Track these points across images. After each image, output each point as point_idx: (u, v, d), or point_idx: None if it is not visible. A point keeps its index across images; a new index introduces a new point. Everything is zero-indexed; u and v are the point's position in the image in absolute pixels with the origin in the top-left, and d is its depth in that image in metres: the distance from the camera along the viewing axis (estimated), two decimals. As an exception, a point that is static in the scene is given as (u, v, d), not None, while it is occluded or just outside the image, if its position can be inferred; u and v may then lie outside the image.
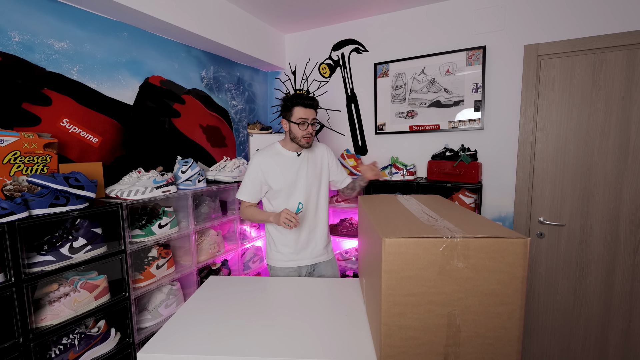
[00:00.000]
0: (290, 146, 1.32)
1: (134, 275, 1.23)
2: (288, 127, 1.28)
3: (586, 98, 1.51)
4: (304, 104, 1.24)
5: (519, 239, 0.62)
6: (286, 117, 1.28)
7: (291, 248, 1.32)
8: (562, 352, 1.64)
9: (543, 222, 1.63)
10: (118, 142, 1.39)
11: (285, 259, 1.33)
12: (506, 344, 0.66)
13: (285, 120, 1.28)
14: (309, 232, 1.33)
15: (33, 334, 0.92)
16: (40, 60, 1.14)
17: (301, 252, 1.33)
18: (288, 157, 1.31)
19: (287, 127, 1.28)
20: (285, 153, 1.32)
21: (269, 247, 1.39)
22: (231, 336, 0.81)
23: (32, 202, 0.93)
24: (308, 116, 1.25)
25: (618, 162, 1.47)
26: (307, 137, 1.26)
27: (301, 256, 1.33)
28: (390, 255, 0.63)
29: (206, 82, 1.82)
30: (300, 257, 1.33)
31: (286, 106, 1.28)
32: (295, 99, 1.25)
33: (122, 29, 1.39)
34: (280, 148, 1.32)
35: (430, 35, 1.80)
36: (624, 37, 1.41)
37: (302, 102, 1.24)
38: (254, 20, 1.92)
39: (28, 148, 1.02)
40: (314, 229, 1.34)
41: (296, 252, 1.33)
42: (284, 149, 1.32)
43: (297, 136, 1.26)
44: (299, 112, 1.24)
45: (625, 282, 1.50)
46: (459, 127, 1.76)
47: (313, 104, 1.26)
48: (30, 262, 0.94)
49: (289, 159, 1.31)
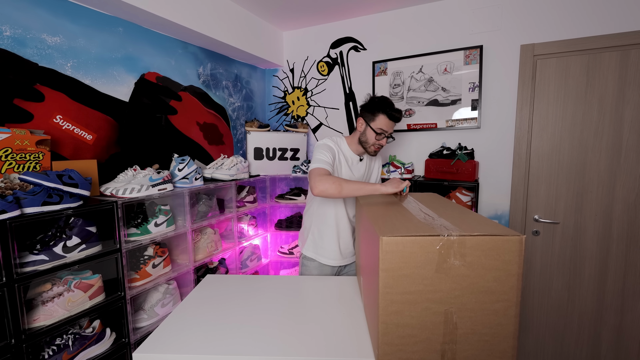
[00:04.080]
0: (356, 148, 1.25)
1: (129, 274, 1.22)
2: (363, 128, 1.21)
3: (581, 98, 1.53)
4: (392, 115, 1.17)
5: (515, 236, 0.63)
6: (365, 119, 1.20)
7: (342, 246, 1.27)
8: (556, 347, 1.66)
9: (538, 220, 1.65)
10: (113, 139, 1.37)
11: (333, 256, 1.28)
12: (502, 340, 0.66)
13: (364, 121, 1.20)
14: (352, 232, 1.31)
15: (25, 335, 0.90)
16: (33, 55, 1.11)
17: (345, 250, 1.29)
18: (350, 157, 1.26)
19: (362, 128, 1.21)
20: (348, 152, 1.26)
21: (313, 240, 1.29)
22: (228, 336, 0.80)
23: (24, 201, 0.91)
24: (389, 129, 1.18)
25: (611, 161, 1.49)
26: (378, 147, 1.21)
27: (345, 254, 1.30)
28: (387, 254, 0.64)
29: (203, 79, 1.80)
30: (344, 256, 1.30)
31: (371, 107, 1.19)
32: (385, 107, 1.16)
33: (117, 24, 1.37)
34: (346, 146, 1.26)
35: (428, 34, 1.80)
36: (618, 37, 1.42)
37: (391, 113, 1.16)
38: (251, 17, 1.90)
39: (20, 145, 1.00)
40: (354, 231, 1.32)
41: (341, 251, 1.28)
42: (349, 149, 1.26)
43: (369, 142, 1.20)
44: (383, 121, 1.17)
45: (617, 279, 1.52)
46: (456, 126, 1.77)
47: (399, 118, 1.19)
48: (23, 262, 0.92)
49: (351, 160, 1.26)
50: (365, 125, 1.20)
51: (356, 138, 1.24)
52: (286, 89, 2.25)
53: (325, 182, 1.02)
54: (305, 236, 1.33)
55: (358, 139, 1.23)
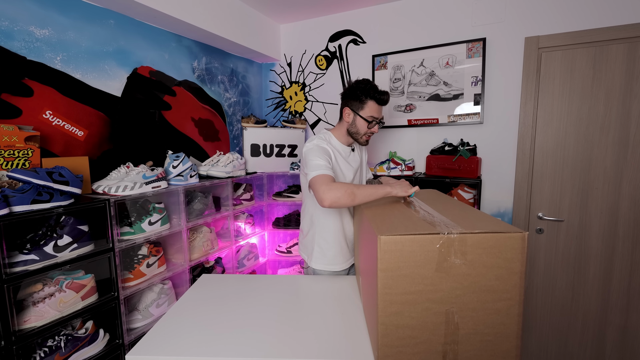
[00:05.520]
0: (345, 139, 1.15)
1: (123, 274, 1.19)
2: (352, 119, 1.11)
3: (586, 92, 1.49)
4: (381, 100, 1.08)
5: (517, 233, 0.61)
6: (353, 108, 1.10)
7: (347, 246, 1.19)
8: (559, 347, 1.64)
9: (542, 217, 1.61)
10: (105, 135, 1.34)
11: (342, 260, 1.18)
12: (505, 340, 0.65)
13: (351, 110, 1.11)
14: None
15: (16, 337, 0.88)
16: (21, 48, 1.08)
17: (352, 250, 1.21)
18: (343, 151, 1.16)
19: (350, 118, 1.12)
20: (339, 146, 1.16)
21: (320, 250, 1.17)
22: (224, 336, 0.78)
23: (12, 199, 0.89)
24: (379, 114, 1.11)
25: (617, 157, 1.46)
26: (369, 135, 1.13)
27: (352, 254, 1.21)
28: (386, 254, 0.62)
29: (198, 73, 1.77)
30: (352, 255, 1.21)
31: (356, 96, 1.09)
32: (372, 92, 1.07)
33: (109, 16, 1.33)
34: (335, 140, 1.16)
35: (430, 26, 1.76)
36: (626, 29, 1.38)
37: (380, 97, 1.08)
38: (247, 9, 1.86)
39: (8, 141, 0.97)
40: None
41: (349, 251, 1.20)
42: (339, 142, 1.16)
43: (360, 133, 1.11)
44: (373, 108, 1.08)
45: (623, 278, 1.49)
46: (458, 121, 1.73)
47: (388, 100, 1.11)
48: (12, 262, 0.90)
49: (344, 153, 1.17)
50: (354, 115, 1.11)
51: (344, 129, 1.15)
52: (283, 83, 2.21)
53: (336, 190, 0.90)
54: (311, 249, 1.20)
55: (347, 131, 1.14)
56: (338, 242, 1.17)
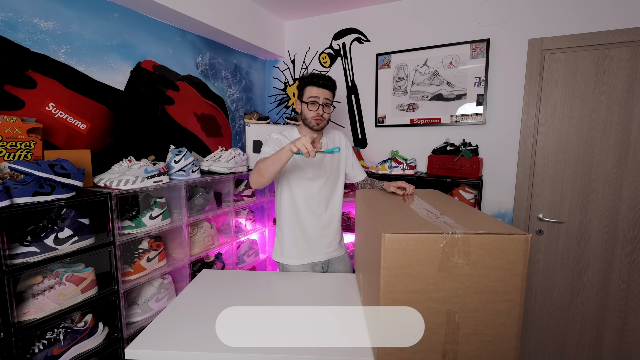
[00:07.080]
0: (306, 131, 1.20)
1: (123, 268, 1.19)
2: (300, 107, 1.19)
3: (589, 94, 1.49)
4: (317, 83, 1.14)
5: (520, 235, 0.61)
6: (299, 98, 1.19)
7: (305, 242, 1.21)
8: (557, 349, 1.65)
9: (542, 219, 1.62)
10: (108, 129, 1.34)
11: (297, 255, 1.21)
12: (505, 341, 0.65)
13: (298, 100, 1.20)
14: (323, 226, 1.22)
15: (15, 329, 0.88)
16: (24, 40, 1.07)
17: (314, 247, 1.22)
18: None
19: (299, 107, 1.19)
20: None
21: (278, 243, 1.25)
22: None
23: (14, 190, 0.88)
24: (321, 95, 1.14)
25: (618, 160, 1.46)
26: (317, 118, 1.15)
27: (314, 251, 1.22)
28: (389, 252, 0.62)
29: (201, 68, 1.76)
30: (313, 253, 1.22)
31: (300, 87, 1.19)
32: (308, 78, 1.16)
33: (113, 9, 1.32)
34: (296, 133, 1.23)
35: (434, 26, 1.75)
36: (629, 33, 1.38)
37: (315, 80, 1.14)
38: (252, 5, 1.85)
39: (10, 133, 0.97)
40: (329, 223, 1.23)
41: (309, 247, 1.21)
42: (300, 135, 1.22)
43: (308, 117, 1.16)
44: (311, 91, 1.15)
45: (621, 281, 1.50)
46: (461, 122, 1.73)
47: (327, 84, 1.15)
48: (13, 253, 0.90)
49: None
50: (300, 103, 1.19)
51: (302, 123, 1.21)
52: (287, 80, 2.21)
53: (252, 174, 1.06)
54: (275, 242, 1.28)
55: (303, 123, 1.20)
56: (293, 234, 1.21)
